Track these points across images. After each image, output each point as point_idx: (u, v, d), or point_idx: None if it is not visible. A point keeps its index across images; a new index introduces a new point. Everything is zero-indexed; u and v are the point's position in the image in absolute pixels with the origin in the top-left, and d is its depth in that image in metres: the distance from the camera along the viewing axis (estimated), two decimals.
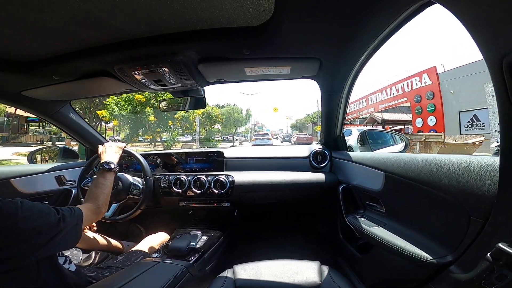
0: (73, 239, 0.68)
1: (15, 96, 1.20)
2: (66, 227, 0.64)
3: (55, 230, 0.62)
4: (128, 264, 0.99)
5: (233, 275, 0.80)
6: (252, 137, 19.69)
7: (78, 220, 0.71)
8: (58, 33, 0.73)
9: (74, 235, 0.68)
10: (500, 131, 0.45)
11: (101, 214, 0.87)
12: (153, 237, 1.28)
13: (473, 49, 0.50)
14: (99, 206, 0.85)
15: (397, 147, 1.49)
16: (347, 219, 1.04)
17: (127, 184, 1.30)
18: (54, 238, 0.61)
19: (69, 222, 0.67)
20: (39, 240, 0.58)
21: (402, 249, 0.69)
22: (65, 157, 1.75)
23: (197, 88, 1.23)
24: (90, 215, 0.80)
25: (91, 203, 0.85)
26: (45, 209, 0.63)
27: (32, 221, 0.57)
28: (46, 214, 0.62)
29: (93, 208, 0.83)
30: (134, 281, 0.72)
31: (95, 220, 0.86)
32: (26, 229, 0.56)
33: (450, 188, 0.58)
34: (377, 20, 0.70)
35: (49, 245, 0.60)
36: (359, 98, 19.40)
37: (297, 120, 61.03)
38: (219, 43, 0.84)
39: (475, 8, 0.41)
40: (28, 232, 0.56)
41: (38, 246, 0.58)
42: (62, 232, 0.63)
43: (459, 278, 0.54)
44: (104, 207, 0.88)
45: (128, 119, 13.01)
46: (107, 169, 1.00)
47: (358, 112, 19.73)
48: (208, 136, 20.25)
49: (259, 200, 1.45)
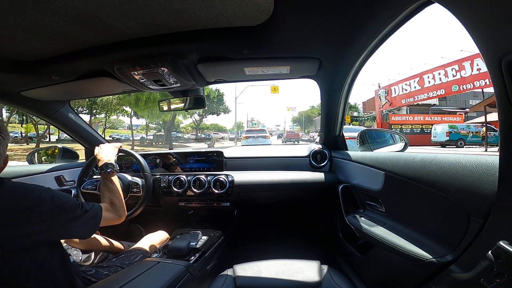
0: (89, 229, 0.74)
1: (14, 96, 1.20)
2: (84, 215, 0.71)
3: (74, 214, 0.69)
4: (127, 263, 0.99)
5: (233, 275, 0.80)
6: (243, 135, 13.98)
7: (97, 212, 0.78)
8: (57, 33, 0.72)
9: (92, 225, 0.75)
10: (500, 131, 0.45)
11: (123, 217, 0.92)
12: (153, 236, 1.28)
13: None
14: (117, 209, 0.91)
15: (397, 146, 1.49)
16: (346, 219, 1.04)
17: (126, 183, 1.31)
18: (72, 222, 0.68)
19: (88, 211, 0.73)
20: (59, 220, 0.65)
21: (402, 248, 0.69)
22: (65, 157, 1.75)
23: (197, 88, 1.23)
24: (109, 214, 0.87)
25: (108, 205, 0.90)
26: (66, 195, 0.71)
27: (55, 201, 0.65)
28: (67, 198, 0.70)
29: (110, 209, 0.89)
30: (134, 281, 0.72)
31: (114, 222, 0.90)
32: (50, 207, 0.63)
33: (450, 187, 0.58)
34: (377, 20, 0.70)
35: (67, 227, 0.67)
36: (407, 78, 15.56)
37: (301, 113, 50.31)
38: (219, 43, 0.84)
39: (475, 8, 0.41)
40: (51, 209, 0.63)
41: (57, 225, 0.65)
42: (80, 218, 0.70)
43: (459, 277, 0.54)
44: (122, 210, 0.93)
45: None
46: (109, 172, 1.02)
47: (415, 97, 15.38)
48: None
49: (259, 200, 1.45)
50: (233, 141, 20.86)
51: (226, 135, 38.82)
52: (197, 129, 31.61)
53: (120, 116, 19.72)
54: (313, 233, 1.76)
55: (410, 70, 18.06)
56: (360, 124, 23.98)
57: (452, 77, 12.92)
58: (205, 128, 48.90)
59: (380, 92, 18.20)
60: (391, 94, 17.17)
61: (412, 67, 16.91)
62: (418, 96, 15.31)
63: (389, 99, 17.33)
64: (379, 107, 18.29)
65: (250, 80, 1.23)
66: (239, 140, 17.53)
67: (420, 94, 15.11)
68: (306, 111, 49.18)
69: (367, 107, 26.49)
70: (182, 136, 36.89)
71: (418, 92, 15.25)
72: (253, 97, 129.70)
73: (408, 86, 15.88)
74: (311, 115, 46.45)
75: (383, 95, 17.83)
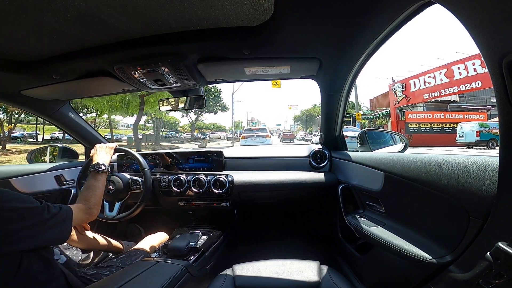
0: (61, 234, 0.68)
1: (15, 96, 1.20)
2: (52, 218, 0.65)
3: (40, 218, 0.62)
4: (128, 263, 1.00)
5: (233, 275, 0.80)
6: (241, 134, 13.19)
7: (67, 215, 0.71)
8: (58, 32, 0.72)
9: (62, 229, 0.68)
10: (500, 131, 0.45)
11: (93, 215, 0.87)
12: (153, 236, 1.28)
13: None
14: (90, 207, 0.86)
15: (397, 147, 1.49)
16: (346, 219, 1.04)
17: (126, 181, 1.31)
18: (40, 226, 0.62)
19: (56, 214, 0.67)
20: (23, 225, 0.59)
21: (402, 249, 0.69)
22: (65, 157, 1.75)
23: (197, 87, 1.23)
24: (81, 214, 0.81)
25: (82, 203, 0.86)
26: (27, 196, 0.64)
27: (14, 203, 0.59)
28: (29, 200, 0.63)
29: (83, 208, 0.84)
30: (133, 280, 0.72)
31: (86, 221, 0.86)
32: (8, 210, 0.57)
33: (450, 188, 0.58)
34: (377, 20, 0.70)
35: (33, 232, 0.60)
36: (430, 70, 13.56)
37: (303, 111, 47.84)
38: (219, 43, 0.84)
39: (475, 8, 0.41)
40: (11, 213, 0.57)
41: (21, 230, 0.58)
42: (48, 222, 0.64)
43: (458, 277, 0.54)
44: (96, 208, 0.89)
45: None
46: (98, 170, 1.00)
47: (442, 91, 13.26)
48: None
49: (258, 200, 1.45)
50: (231, 141, 19.70)
51: (224, 135, 38.22)
52: (192, 129, 31.08)
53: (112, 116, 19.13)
54: (312, 233, 1.76)
55: (437, 60, 16.04)
56: (370, 122, 22.63)
57: None
58: (204, 128, 48.51)
59: (395, 86, 16.04)
60: (409, 89, 15.04)
61: (423, 64, 15.81)
62: (446, 90, 13.23)
63: (407, 94, 15.26)
64: (394, 103, 16.11)
65: (251, 80, 1.23)
66: (238, 140, 16.16)
67: (449, 88, 13.04)
68: (308, 110, 46.66)
69: (376, 104, 24.78)
70: (180, 136, 36.63)
71: (445, 86, 13.20)
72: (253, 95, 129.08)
73: (432, 79, 13.90)
74: (313, 113, 44.62)
75: (399, 90, 15.73)
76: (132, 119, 17.65)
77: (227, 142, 23.77)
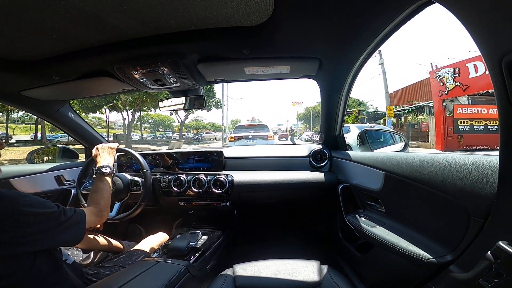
0: (75, 236, 0.70)
1: (15, 96, 1.19)
2: (67, 221, 0.67)
3: (56, 221, 0.64)
4: (129, 263, 1.00)
5: (233, 275, 0.80)
6: (230, 135, 9.26)
7: (81, 218, 0.73)
8: (57, 32, 0.72)
9: (77, 232, 0.71)
10: (500, 131, 0.45)
11: (104, 217, 0.90)
12: (154, 236, 1.28)
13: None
14: (101, 210, 0.88)
15: (397, 146, 1.49)
16: (346, 219, 1.04)
17: (126, 182, 1.31)
18: (55, 229, 0.64)
19: (71, 217, 0.69)
20: (39, 227, 0.60)
21: (402, 248, 0.69)
22: (65, 157, 1.75)
23: (197, 87, 1.23)
24: (93, 217, 0.84)
25: (93, 207, 0.88)
26: (46, 201, 0.66)
27: (33, 208, 0.60)
28: (47, 205, 0.65)
29: (95, 211, 0.86)
30: (133, 280, 0.72)
31: (98, 223, 0.88)
32: (28, 215, 0.58)
33: (450, 187, 0.58)
34: (377, 20, 0.70)
35: (49, 235, 0.62)
36: (463, 61, 10.09)
37: (308, 109, 42.82)
38: (219, 43, 0.84)
39: (475, 8, 0.41)
40: (29, 217, 0.59)
41: (38, 233, 0.60)
42: (63, 225, 0.66)
43: (459, 277, 0.54)
44: (106, 210, 0.91)
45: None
46: (104, 173, 1.01)
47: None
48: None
49: (258, 200, 1.45)
50: (221, 143, 16.91)
51: (221, 135, 37.86)
52: (180, 128, 30.34)
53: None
54: (313, 233, 1.76)
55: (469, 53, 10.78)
56: (396, 118, 17.31)
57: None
58: (202, 128, 48.07)
59: (442, 72, 11.43)
60: (466, 74, 10.61)
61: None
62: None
63: (462, 81, 10.75)
64: (440, 94, 11.62)
65: (250, 80, 1.23)
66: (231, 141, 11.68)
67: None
68: (314, 107, 41.11)
69: (397, 99, 18.58)
70: (171, 136, 36.31)
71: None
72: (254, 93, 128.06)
73: None
74: (320, 111, 42.19)
75: (449, 77, 11.13)
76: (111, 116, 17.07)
77: (218, 143, 22.29)
